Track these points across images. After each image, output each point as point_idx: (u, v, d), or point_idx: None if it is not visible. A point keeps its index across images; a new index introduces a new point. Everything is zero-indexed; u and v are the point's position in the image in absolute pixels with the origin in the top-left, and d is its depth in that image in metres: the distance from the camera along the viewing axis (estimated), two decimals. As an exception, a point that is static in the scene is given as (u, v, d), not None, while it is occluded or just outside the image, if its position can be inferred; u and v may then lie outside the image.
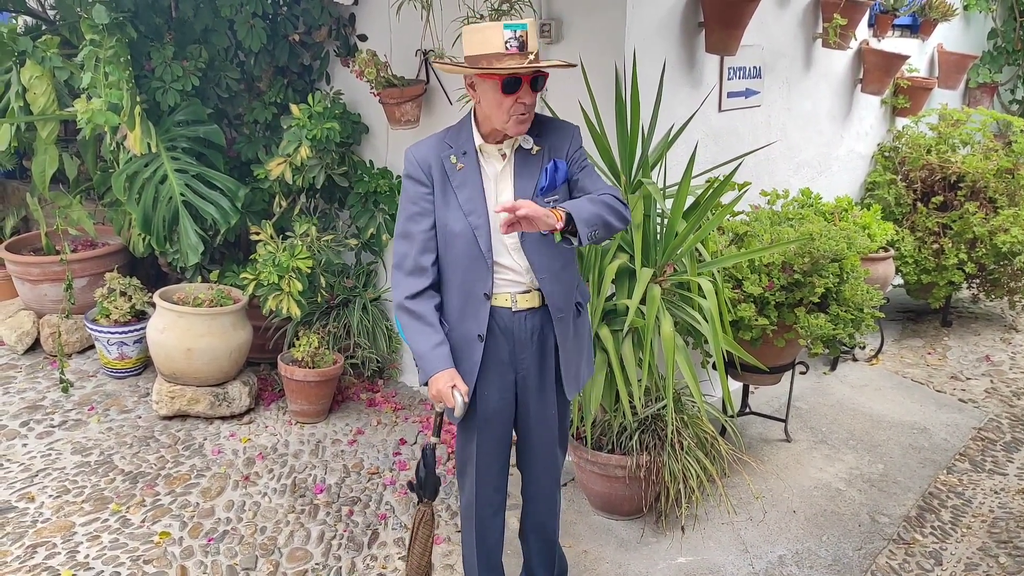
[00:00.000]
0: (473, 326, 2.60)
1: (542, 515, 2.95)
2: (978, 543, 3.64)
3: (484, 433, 2.73)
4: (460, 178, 2.54)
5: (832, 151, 5.48)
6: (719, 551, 3.54)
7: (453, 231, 2.54)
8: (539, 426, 2.77)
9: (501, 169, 2.57)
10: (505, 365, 2.67)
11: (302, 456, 4.24)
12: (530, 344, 2.66)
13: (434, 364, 2.55)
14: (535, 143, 2.57)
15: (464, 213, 2.53)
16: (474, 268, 2.56)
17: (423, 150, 2.58)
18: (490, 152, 2.57)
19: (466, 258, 2.55)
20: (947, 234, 5.46)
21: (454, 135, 2.59)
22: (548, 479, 2.89)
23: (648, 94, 3.61)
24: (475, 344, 2.61)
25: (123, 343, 4.93)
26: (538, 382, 2.71)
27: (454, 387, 2.52)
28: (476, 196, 2.54)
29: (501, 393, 2.69)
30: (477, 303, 2.59)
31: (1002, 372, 5.27)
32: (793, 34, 4.83)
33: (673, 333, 3.33)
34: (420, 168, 2.56)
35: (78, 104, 4.43)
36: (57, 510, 3.74)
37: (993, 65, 6.93)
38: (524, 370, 2.69)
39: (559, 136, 2.61)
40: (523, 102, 2.43)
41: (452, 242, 2.55)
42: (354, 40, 4.84)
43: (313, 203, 5.03)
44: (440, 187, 2.55)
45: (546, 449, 2.82)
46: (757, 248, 3.85)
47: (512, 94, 2.42)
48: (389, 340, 4.91)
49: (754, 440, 4.37)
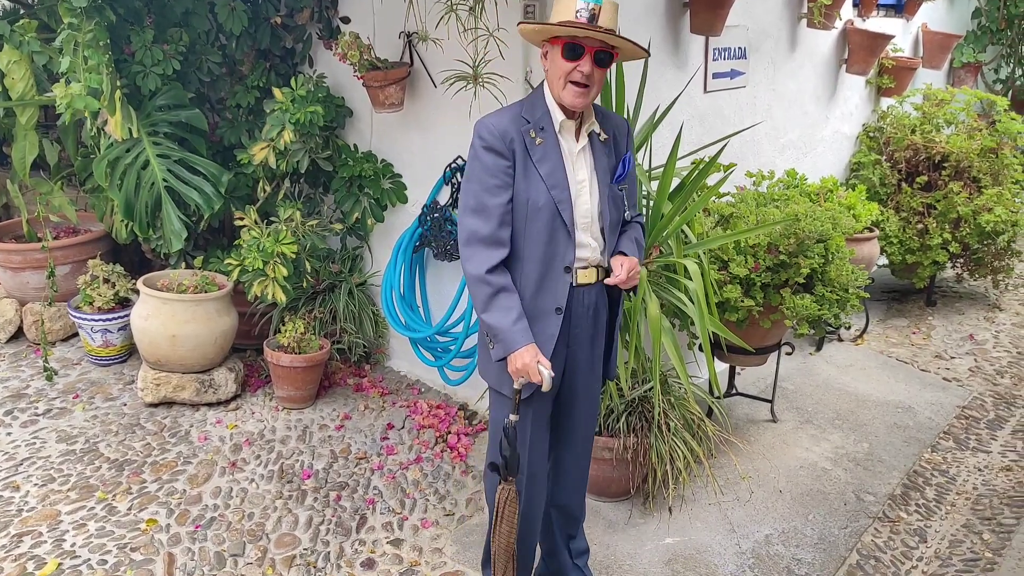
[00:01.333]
0: (550, 300, 2.61)
1: (572, 499, 2.99)
2: (962, 520, 3.67)
3: (537, 408, 2.72)
4: (541, 152, 2.56)
5: (817, 132, 5.48)
6: (706, 531, 3.56)
7: (536, 204, 2.55)
8: (584, 402, 2.82)
9: (579, 150, 2.63)
10: (559, 339, 2.67)
11: (289, 442, 4.23)
12: (586, 318, 2.69)
13: (516, 339, 2.51)
14: (602, 130, 2.67)
15: (548, 187, 2.55)
16: (556, 241, 2.58)
17: (503, 122, 2.56)
18: (567, 129, 2.61)
19: (548, 231, 2.57)
20: (931, 214, 5.48)
21: (529, 109, 2.61)
22: (585, 454, 2.96)
23: (633, 76, 3.59)
24: (552, 317, 2.62)
25: (107, 330, 4.90)
26: (588, 356, 2.76)
27: (539, 362, 2.50)
28: (558, 170, 2.57)
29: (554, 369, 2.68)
30: (556, 276, 2.60)
31: (986, 351, 5.31)
32: (778, 14, 4.82)
33: (659, 315, 3.33)
34: (502, 140, 2.53)
35: (57, 89, 4.36)
36: (43, 499, 3.71)
37: (977, 45, 6.95)
38: (576, 345, 2.70)
39: (619, 129, 2.74)
40: (581, 71, 2.47)
41: (534, 216, 2.56)
42: (337, 22, 4.79)
43: (297, 188, 5.00)
44: (521, 160, 2.55)
45: (587, 424, 2.89)
46: (743, 229, 3.86)
47: (573, 61, 2.47)
48: (375, 325, 4.89)
49: (741, 421, 4.39)
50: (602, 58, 2.50)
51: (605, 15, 2.45)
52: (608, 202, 2.66)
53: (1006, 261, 5.62)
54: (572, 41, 2.47)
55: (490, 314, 2.54)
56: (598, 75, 2.51)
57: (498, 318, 2.52)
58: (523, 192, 2.55)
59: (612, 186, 2.66)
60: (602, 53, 2.49)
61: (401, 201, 4.70)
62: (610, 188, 2.66)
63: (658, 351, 3.34)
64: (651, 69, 3.70)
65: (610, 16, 2.47)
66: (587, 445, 2.96)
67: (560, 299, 2.61)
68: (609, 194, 2.66)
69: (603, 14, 2.45)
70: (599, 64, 2.50)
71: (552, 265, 2.60)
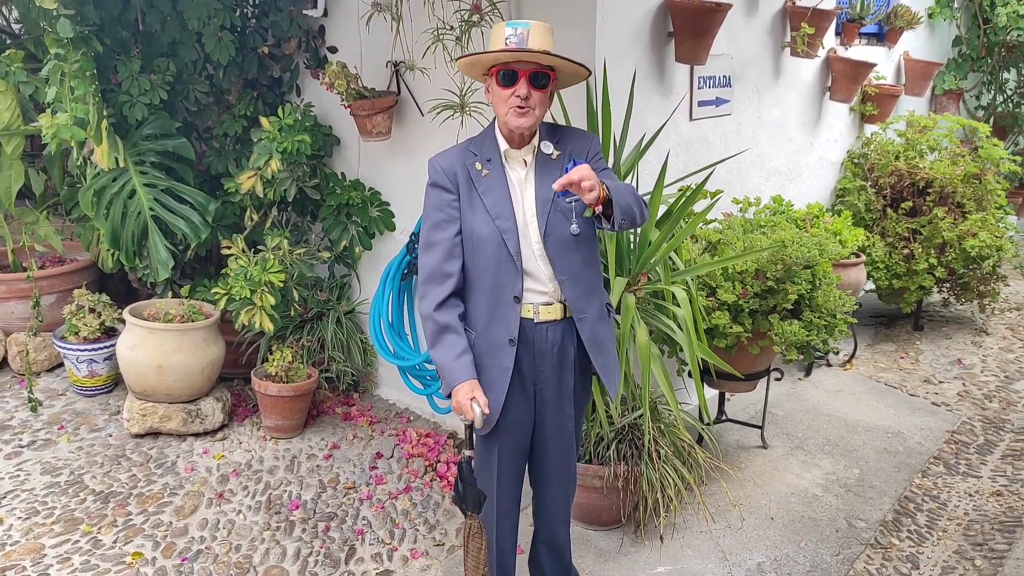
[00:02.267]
0: (503, 331, 2.60)
1: (556, 533, 2.94)
2: (954, 546, 3.66)
3: (504, 444, 2.72)
4: (486, 184, 2.58)
5: (802, 158, 5.52)
6: (698, 559, 3.53)
7: (480, 235, 2.57)
8: (554, 439, 2.77)
9: (524, 175, 2.62)
10: (526, 376, 2.67)
11: (277, 472, 4.19)
12: (550, 355, 2.66)
13: (455, 375, 2.54)
14: (555, 148, 2.62)
15: (492, 217, 2.56)
16: (503, 271, 2.58)
17: (447, 159, 2.64)
18: (514, 157, 2.62)
19: (495, 262, 2.57)
20: (917, 239, 5.52)
21: (478, 144, 2.65)
22: (562, 493, 2.88)
23: (619, 104, 3.62)
24: (506, 349, 2.61)
25: (93, 360, 4.86)
26: (555, 395, 2.71)
27: (473, 399, 2.50)
28: (503, 200, 2.57)
29: (522, 404, 2.69)
30: (506, 307, 2.59)
31: (973, 375, 5.32)
32: (762, 43, 4.87)
33: (648, 342, 3.33)
34: (445, 175, 2.60)
35: (43, 119, 4.36)
36: (26, 532, 3.66)
37: (958, 72, 7.03)
38: (542, 382, 2.69)
39: (578, 142, 2.68)
40: (518, 95, 2.48)
41: (480, 247, 2.58)
42: (324, 52, 4.81)
43: (285, 216, 4.99)
44: (466, 193, 2.59)
45: (561, 462, 2.82)
46: (730, 256, 3.87)
47: (509, 87, 2.49)
48: (364, 353, 4.87)
49: (731, 447, 4.38)
50: (539, 80, 2.50)
51: (535, 37, 2.46)
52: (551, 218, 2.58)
53: (992, 285, 5.65)
54: (504, 67, 2.49)
55: (435, 350, 2.59)
56: (537, 96, 2.51)
57: (441, 354, 2.57)
58: (469, 223, 2.58)
59: (559, 200, 2.54)
60: (538, 75, 2.49)
61: (389, 229, 4.70)
62: (555, 204, 2.56)
63: (647, 378, 3.33)
64: (637, 97, 3.72)
65: (540, 37, 2.48)
66: (567, 480, 2.89)
67: (512, 330, 2.60)
68: (553, 210, 2.58)
69: (532, 36, 2.46)
70: (536, 86, 2.49)
71: (501, 296, 2.59)
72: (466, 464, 2.58)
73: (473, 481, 2.59)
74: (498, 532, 2.83)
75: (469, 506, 2.60)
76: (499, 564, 2.89)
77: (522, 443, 2.77)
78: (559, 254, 2.60)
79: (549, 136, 2.65)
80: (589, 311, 2.66)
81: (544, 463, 2.84)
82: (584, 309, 2.65)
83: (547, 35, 2.51)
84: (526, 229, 2.60)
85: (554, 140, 2.65)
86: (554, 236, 2.58)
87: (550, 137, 2.65)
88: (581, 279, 2.64)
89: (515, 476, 2.81)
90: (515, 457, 2.78)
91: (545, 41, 2.49)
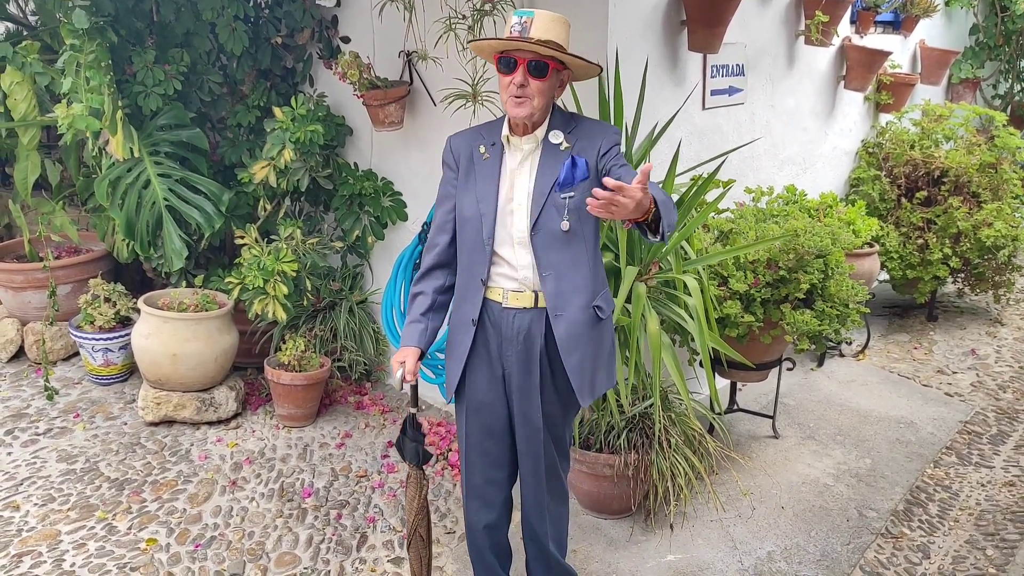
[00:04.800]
0: (469, 310, 2.68)
1: (532, 520, 2.90)
2: (965, 536, 3.65)
3: (472, 422, 2.79)
4: (483, 167, 2.64)
5: (816, 148, 5.50)
6: (708, 548, 3.54)
7: (464, 216, 2.65)
8: (523, 427, 2.74)
9: (520, 162, 2.61)
10: (493, 357, 2.70)
11: (290, 460, 4.22)
12: (515, 342, 2.65)
13: (403, 339, 2.75)
14: (565, 139, 2.59)
15: (476, 200, 2.62)
16: (476, 253, 2.64)
17: (459, 138, 2.73)
18: (515, 144, 2.62)
19: (471, 243, 2.65)
20: (931, 229, 5.49)
21: (489, 127, 2.71)
22: (534, 481, 2.82)
23: (631, 93, 3.61)
24: (468, 328, 2.68)
25: (108, 349, 4.90)
26: (523, 382, 2.68)
27: (402, 363, 2.67)
28: (489, 184, 2.62)
29: (490, 385, 2.72)
30: (475, 288, 2.66)
31: (987, 366, 5.30)
32: (775, 32, 4.84)
33: (659, 331, 3.33)
34: (452, 154, 2.71)
35: (58, 109, 4.40)
36: (43, 518, 3.71)
37: (975, 60, 6.97)
38: (509, 367, 2.69)
39: (592, 134, 2.61)
40: (515, 83, 2.49)
41: (464, 227, 2.67)
42: (337, 42, 4.82)
43: (298, 206, 5.01)
44: (465, 174, 2.67)
45: (532, 451, 2.77)
46: (742, 245, 3.86)
47: (507, 75, 2.51)
48: (376, 343, 4.90)
49: (742, 437, 4.38)
50: (537, 68, 2.48)
51: (538, 26, 2.46)
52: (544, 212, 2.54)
53: (1007, 276, 5.61)
54: (503, 55, 2.51)
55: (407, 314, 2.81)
56: (536, 86, 2.49)
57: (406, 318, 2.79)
58: (460, 203, 2.67)
59: (555, 194, 2.52)
60: (536, 64, 2.48)
61: (401, 219, 4.72)
62: (551, 197, 2.53)
63: (658, 367, 3.34)
64: (649, 86, 3.71)
65: (544, 27, 2.47)
66: (538, 471, 2.80)
67: (474, 311, 2.66)
68: (547, 203, 2.54)
69: (535, 25, 2.46)
70: (535, 75, 2.48)
71: (472, 276, 2.67)
72: (409, 419, 2.83)
73: (414, 436, 2.82)
74: (467, 510, 2.91)
75: (407, 457, 2.85)
76: (470, 542, 2.96)
77: (493, 424, 2.76)
78: (546, 249, 2.56)
79: (563, 126, 2.61)
80: (568, 311, 2.59)
81: (518, 449, 2.82)
82: (562, 308, 2.58)
83: (554, 24, 2.48)
84: (507, 216, 2.59)
85: (568, 130, 2.60)
86: (544, 230, 2.55)
87: (564, 127, 2.60)
88: (567, 277, 2.58)
89: (486, 456, 2.81)
90: (486, 437, 2.78)
91: (550, 30, 2.46)
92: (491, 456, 2.82)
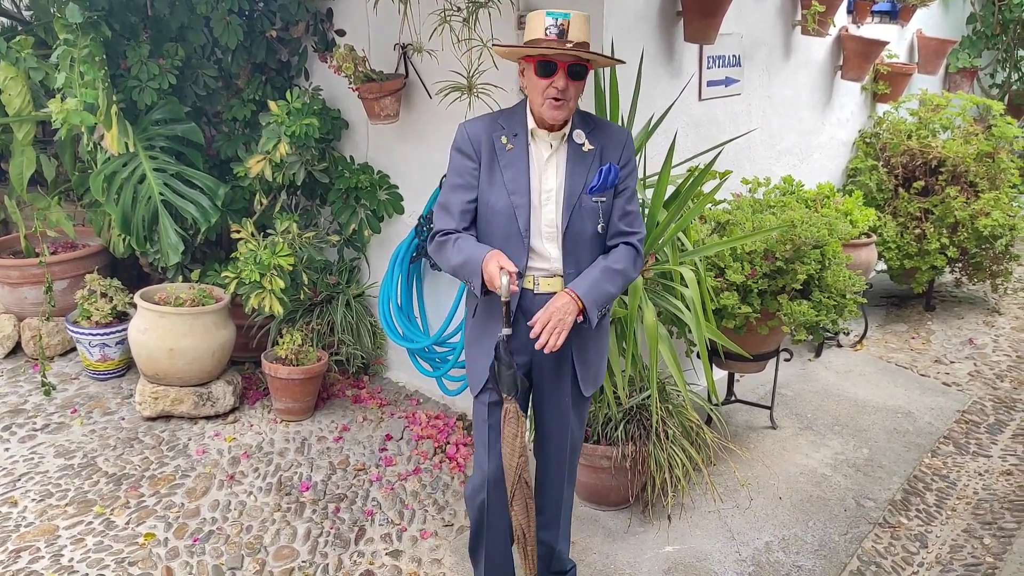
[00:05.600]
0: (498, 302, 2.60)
1: (549, 506, 2.91)
2: (963, 525, 3.65)
3: (497, 412, 2.71)
4: (508, 158, 2.61)
5: (813, 138, 5.49)
6: (706, 539, 3.54)
7: (495, 208, 2.61)
8: (551, 411, 2.78)
9: (548, 157, 2.62)
10: (523, 345, 2.65)
11: (287, 454, 4.22)
12: None
13: (478, 254, 2.54)
14: (588, 140, 2.63)
15: (508, 192, 2.60)
16: (510, 246, 2.60)
17: (476, 126, 2.67)
18: (541, 137, 2.63)
19: (503, 236, 2.61)
20: (929, 219, 5.48)
21: (508, 117, 2.68)
22: (557, 466, 2.86)
23: (627, 84, 3.60)
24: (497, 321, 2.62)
25: (105, 345, 4.90)
26: (554, 367, 2.72)
27: (502, 269, 2.47)
28: (521, 176, 2.60)
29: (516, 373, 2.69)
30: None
31: (985, 355, 5.30)
32: (772, 22, 4.83)
33: (656, 323, 3.33)
34: (471, 143, 2.64)
35: (52, 104, 4.38)
36: (40, 514, 3.70)
37: (972, 50, 6.95)
38: (539, 354, 2.65)
39: (612, 139, 2.67)
40: (556, 87, 2.49)
41: (492, 219, 2.62)
42: (332, 35, 4.80)
43: (294, 200, 5.00)
44: (487, 164, 2.63)
45: (559, 435, 2.81)
46: (739, 236, 3.85)
47: (546, 78, 2.50)
48: (373, 336, 4.89)
49: (740, 428, 4.38)
50: (576, 71, 2.52)
51: (575, 28, 2.47)
52: (576, 214, 2.60)
53: (1004, 265, 5.61)
54: (543, 59, 2.50)
55: (454, 255, 2.59)
56: (574, 89, 2.53)
57: (459, 253, 2.58)
58: (486, 194, 2.62)
59: (585, 196, 2.60)
60: (576, 66, 2.51)
61: (397, 212, 4.71)
62: (581, 199, 2.60)
63: (655, 359, 3.33)
64: (645, 78, 3.70)
65: (580, 28, 2.49)
66: (561, 457, 2.84)
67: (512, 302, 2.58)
68: (579, 205, 2.60)
69: (572, 27, 2.47)
70: (573, 78, 2.52)
71: None
72: (502, 343, 2.56)
73: (509, 363, 2.56)
74: (490, 501, 2.80)
75: (504, 387, 2.60)
76: (488, 536, 2.86)
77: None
78: (575, 249, 2.63)
79: (582, 125, 2.66)
80: None
81: (543, 437, 2.85)
82: None
83: (586, 25, 2.52)
84: (539, 209, 2.61)
85: (587, 130, 2.65)
86: (574, 229, 2.61)
87: (583, 126, 2.65)
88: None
89: None
90: None
91: (584, 31, 2.50)
92: None
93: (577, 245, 2.63)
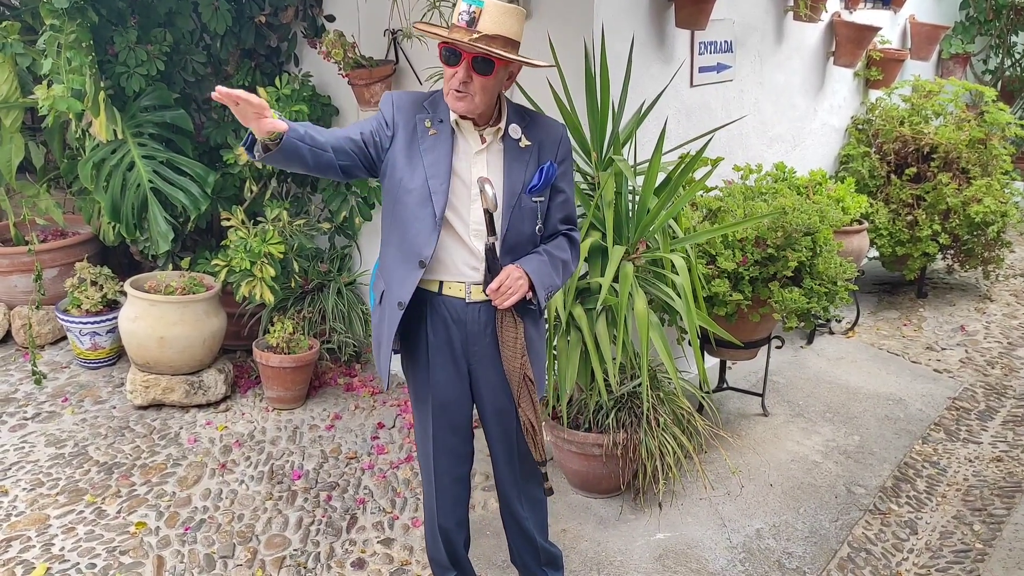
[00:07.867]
0: (398, 291, 2.52)
1: (514, 509, 2.89)
2: (953, 511, 3.67)
3: (439, 421, 2.69)
4: (430, 142, 2.47)
5: (805, 125, 5.47)
6: (697, 526, 3.55)
7: (407, 187, 2.46)
8: (494, 417, 2.72)
9: (477, 151, 2.50)
10: (458, 355, 2.61)
11: (279, 443, 4.21)
12: (483, 336, 2.58)
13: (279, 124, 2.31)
14: (524, 136, 2.52)
15: (427, 175, 2.45)
16: (419, 231, 2.46)
17: (404, 100, 2.52)
18: (467, 129, 2.50)
19: (411, 216, 2.47)
20: (921, 205, 5.48)
21: (432, 102, 2.53)
22: (509, 470, 2.81)
23: (618, 70, 3.58)
24: (395, 312, 2.53)
25: (96, 333, 4.88)
26: (494, 374, 2.63)
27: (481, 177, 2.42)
28: (442, 162, 2.46)
29: (456, 382, 2.65)
30: (410, 267, 2.49)
31: (976, 342, 5.31)
32: (764, 8, 4.81)
33: (647, 310, 3.32)
34: (394, 110, 2.50)
35: (39, 91, 4.34)
36: (31, 503, 3.70)
37: (965, 36, 6.94)
38: (477, 362, 2.62)
39: (549, 136, 2.57)
40: (457, 78, 2.36)
41: (403, 199, 2.47)
42: (321, 21, 4.77)
43: (284, 187, 4.98)
44: (406, 144, 2.48)
45: (505, 440, 2.76)
46: (730, 223, 3.84)
47: (451, 67, 2.37)
48: (365, 324, 4.88)
49: (732, 415, 4.39)
50: (481, 64, 2.33)
51: (487, 18, 2.30)
52: (515, 214, 2.50)
53: (996, 252, 5.62)
54: (446, 45, 2.35)
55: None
56: (479, 82, 2.36)
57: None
58: (400, 172, 2.47)
59: (525, 196, 2.50)
60: (482, 60, 2.33)
61: (389, 199, 4.68)
62: (521, 199, 2.49)
63: (646, 346, 3.33)
64: (636, 64, 3.68)
65: (495, 20, 2.30)
66: (512, 461, 2.79)
67: (403, 293, 2.50)
68: (518, 205, 2.50)
69: (485, 17, 2.29)
70: (478, 71, 2.34)
71: (408, 253, 2.49)
72: (490, 249, 2.46)
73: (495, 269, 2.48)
74: (439, 512, 2.79)
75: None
76: (443, 539, 2.86)
77: (459, 421, 2.71)
78: (513, 250, 2.52)
79: (518, 119, 2.53)
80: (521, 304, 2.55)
81: (490, 439, 2.80)
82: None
83: (505, 17, 2.32)
84: (468, 205, 2.49)
85: (523, 125, 2.53)
86: (514, 229, 2.51)
87: (519, 121, 2.53)
88: None
89: (452, 454, 2.75)
90: (452, 434, 2.72)
91: (500, 24, 2.31)
92: (457, 453, 2.77)
93: (516, 248, 2.52)
